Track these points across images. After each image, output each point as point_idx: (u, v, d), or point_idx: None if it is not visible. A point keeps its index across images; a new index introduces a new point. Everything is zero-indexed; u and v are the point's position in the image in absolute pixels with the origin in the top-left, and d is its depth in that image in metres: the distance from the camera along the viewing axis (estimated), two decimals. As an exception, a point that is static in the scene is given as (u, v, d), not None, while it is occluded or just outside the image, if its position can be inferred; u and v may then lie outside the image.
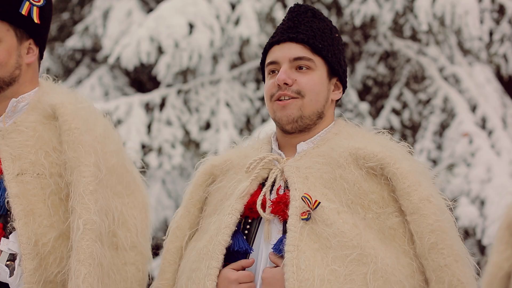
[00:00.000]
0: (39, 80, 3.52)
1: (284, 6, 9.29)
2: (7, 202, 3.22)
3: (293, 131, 3.03)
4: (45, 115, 3.38)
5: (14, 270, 3.17)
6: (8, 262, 3.18)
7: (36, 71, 3.51)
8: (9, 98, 3.40)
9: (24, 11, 3.39)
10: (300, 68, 3.01)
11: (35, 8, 3.41)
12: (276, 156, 3.05)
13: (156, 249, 3.58)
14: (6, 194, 3.24)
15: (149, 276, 3.53)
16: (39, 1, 3.43)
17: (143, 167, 3.73)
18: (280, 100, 3.00)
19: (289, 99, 2.99)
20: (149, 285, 3.51)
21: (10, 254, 3.19)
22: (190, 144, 9.35)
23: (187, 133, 9.26)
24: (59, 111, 3.33)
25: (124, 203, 3.42)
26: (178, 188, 9.67)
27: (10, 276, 3.17)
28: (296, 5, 3.16)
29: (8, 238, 3.22)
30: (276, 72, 3.04)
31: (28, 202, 3.22)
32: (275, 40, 3.07)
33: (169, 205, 9.57)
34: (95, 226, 3.15)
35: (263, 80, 3.15)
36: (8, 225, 3.23)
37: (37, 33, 3.46)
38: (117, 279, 3.35)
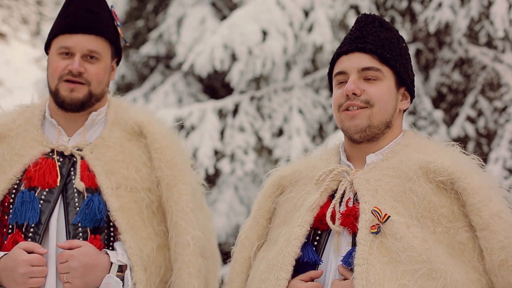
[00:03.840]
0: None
1: (358, 13, 9.24)
2: (108, 215, 3.33)
3: (361, 140, 3.02)
4: (129, 131, 3.49)
5: (126, 281, 3.29)
6: (117, 273, 3.28)
7: None
8: (89, 112, 3.49)
9: (118, 31, 3.50)
10: (368, 78, 3.00)
11: (119, 29, 3.52)
12: (345, 167, 3.04)
13: (227, 255, 3.64)
14: (107, 208, 3.33)
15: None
16: (118, 21, 3.53)
17: (215, 173, 3.82)
18: (348, 110, 3.00)
19: (358, 109, 2.98)
20: None
21: (118, 266, 3.29)
22: (263, 150, 9.37)
23: (259, 139, 9.28)
24: (147, 129, 3.45)
25: (202, 215, 3.55)
26: (250, 194, 9.70)
27: (123, 287, 3.28)
28: (364, 15, 3.15)
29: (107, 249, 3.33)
30: (344, 82, 3.03)
31: (128, 215, 3.34)
32: (343, 50, 3.07)
33: (241, 211, 9.60)
34: (200, 242, 3.35)
35: (330, 90, 3.15)
36: (117, 236, 3.34)
37: (121, 52, 3.57)
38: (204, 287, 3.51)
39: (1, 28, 26.43)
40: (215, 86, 11.03)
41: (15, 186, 3.40)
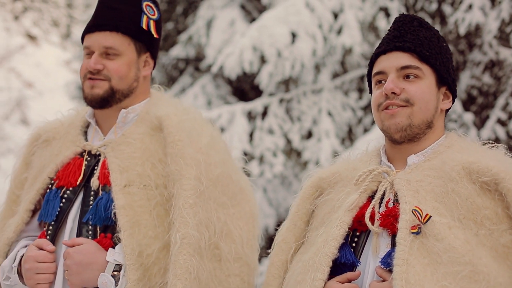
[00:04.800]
0: (150, 91, 3.61)
1: (387, 15, 9.21)
2: (114, 213, 3.30)
3: (402, 140, 2.96)
4: (152, 127, 3.45)
5: (119, 280, 3.24)
6: (114, 273, 3.25)
7: (149, 82, 3.60)
8: (120, 109, 3.50)
9: (144, 25, 3.48)
10: (407, 77, 2.95)
11: (151, 22, 3.51)
12: (385, 168, 2.99)
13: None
14: (113, 205, 3.31)
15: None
16: (154, 15, 3.52)
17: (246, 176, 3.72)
18: (388, 109, 2.95)
19: (397, 107, 2.93)
20: None
21: (116, 264, 3.26)
22: (292, 153, 9.37)
23: (288, 142, 9.28)
24: (165, 123, 3.39)
25: (229, 214, 3.43)
26: (279, 196, 9.69)
27: (115, 287, 3.23)
28: (402, 15, 3.11)
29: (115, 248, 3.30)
30: (383, 82, 2.98)
31: (134, 213, 3.29)
32: (381, 50, 3.02)
33: (270, 213, 9.60)
34: (192, 240, 3.20)
35: (370, 91, 3.11)
36: (114, 236, 3.30)
37: (153, 46, 3.56)
38: None
39: (32, 31, 26.66)
40: (244, 88, 11.05)
41: (49, 186, 3.46)
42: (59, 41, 26.82)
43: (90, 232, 3.32)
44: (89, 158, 3.46)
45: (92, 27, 3.46)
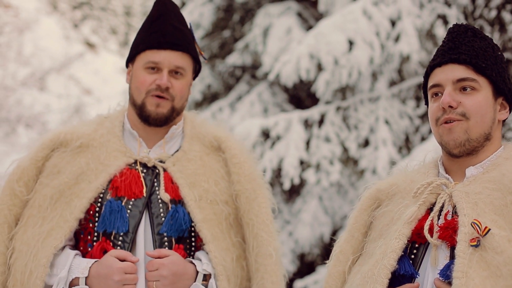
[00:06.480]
0: None
1: (445, 22, 9.14)
2: (192, 226, 3.45)
3: (461, 155, 2.96)
4: (207, 145, 3.60)
5: None
6: (203, 282, 3.39)
7: None
8: (169, 126, 3.58)
9: (198, 49, 3.59)
10: (464, 89, 2.94)
11: (197, 45, 3.62)
12: (444, 180, 2.98)
13: (311, 265, 3.67)
14: (191, 218, 3.44)
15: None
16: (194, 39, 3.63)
17: (300, 183, 3.92)
18: (446, 123, 2.94)
19: (454, 121, 2.92)
20: None
21: (203, 275, 3.40)
22: (348, 161, 9.34)
23: (345, 150, 9.25)
24: (225, 144, 3.58)
25: None
26: (335, 205, 9.67)
27: None
28: (456, 25, 3.08)
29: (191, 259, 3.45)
30: (440, 95, 2.98)
31: (210, 227, 3.45)
32: (436, 62, 3.01)
33: (325, 221, 9.59)
34: (280, 251, 3.50)
35: (426, 103, 3.11)
36: (199, 247, 3.47)
37: (200, 69, 3.69)
38: None
39: (91, 38, 27.04)
40: (300, 96, 11.05)
41: (101, 195, 3.46)
42: (117, 49, 27.17)
43: (166, 244, 3.41)
44: (144, 171, 3.51)
45: (164, 44, 3.48)
